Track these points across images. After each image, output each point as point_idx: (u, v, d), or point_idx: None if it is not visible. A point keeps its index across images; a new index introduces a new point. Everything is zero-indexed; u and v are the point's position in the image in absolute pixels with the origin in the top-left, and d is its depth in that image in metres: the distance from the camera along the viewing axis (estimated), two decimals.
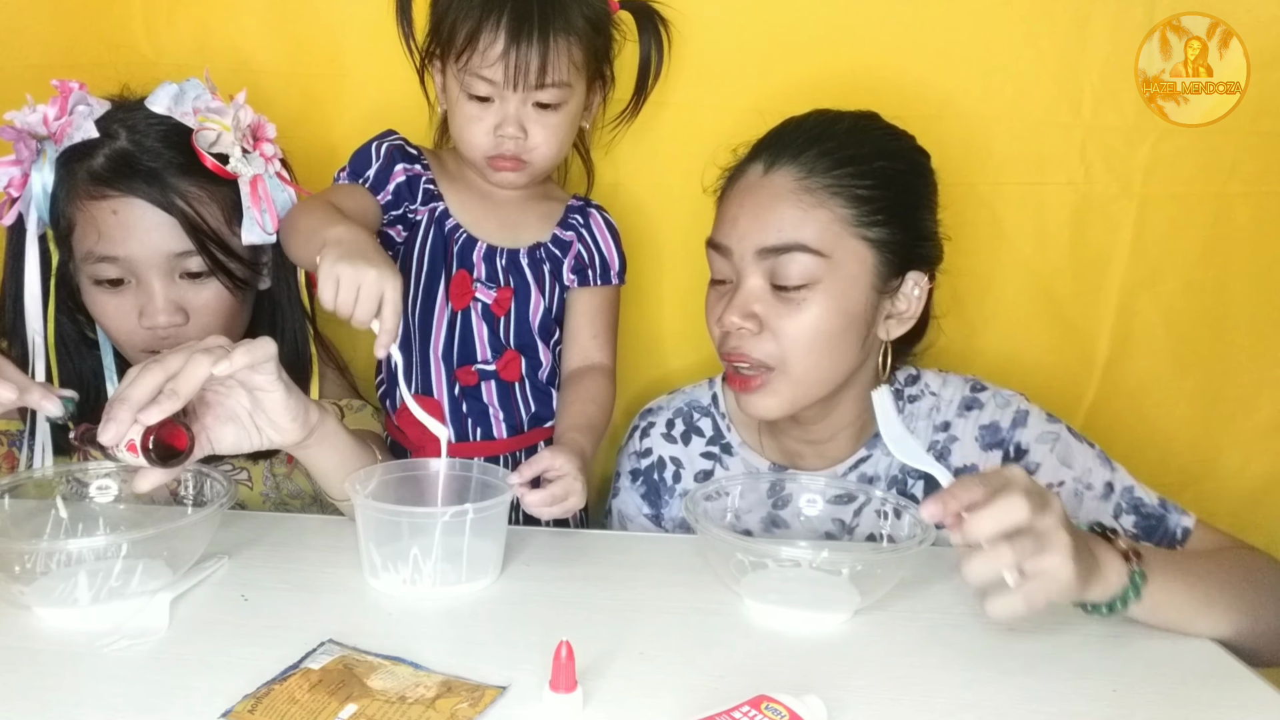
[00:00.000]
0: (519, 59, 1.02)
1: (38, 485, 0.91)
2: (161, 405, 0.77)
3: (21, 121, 0.98)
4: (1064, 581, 0.70)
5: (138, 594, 0.81)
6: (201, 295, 1.02)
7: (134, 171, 0.98)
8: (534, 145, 1.08)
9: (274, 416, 0.86)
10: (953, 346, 1.21)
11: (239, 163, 1.00)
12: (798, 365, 0.96)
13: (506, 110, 1.06)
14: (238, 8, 1.24)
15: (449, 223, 1.13)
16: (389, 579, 0.85)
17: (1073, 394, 1.32)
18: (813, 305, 0.95)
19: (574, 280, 1.17)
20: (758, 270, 0.96)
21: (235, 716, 0.65)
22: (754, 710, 0.65)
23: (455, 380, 1.14)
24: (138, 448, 0.78)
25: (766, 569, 0.84)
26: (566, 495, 0.94)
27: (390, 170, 1.10)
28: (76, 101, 0.99)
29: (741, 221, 0.97)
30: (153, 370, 0.78)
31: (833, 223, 0.95)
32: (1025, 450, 1.03)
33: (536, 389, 1.17)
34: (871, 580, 0.83)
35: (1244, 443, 1.34)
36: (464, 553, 0.85)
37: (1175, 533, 1.00)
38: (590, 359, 1.18)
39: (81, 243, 0.99)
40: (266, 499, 1.13)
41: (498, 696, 0.69)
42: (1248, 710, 0.72)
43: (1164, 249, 1.28)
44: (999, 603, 0.70)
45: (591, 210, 1.20)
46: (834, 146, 0.97)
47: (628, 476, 1.15)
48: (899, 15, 1.23)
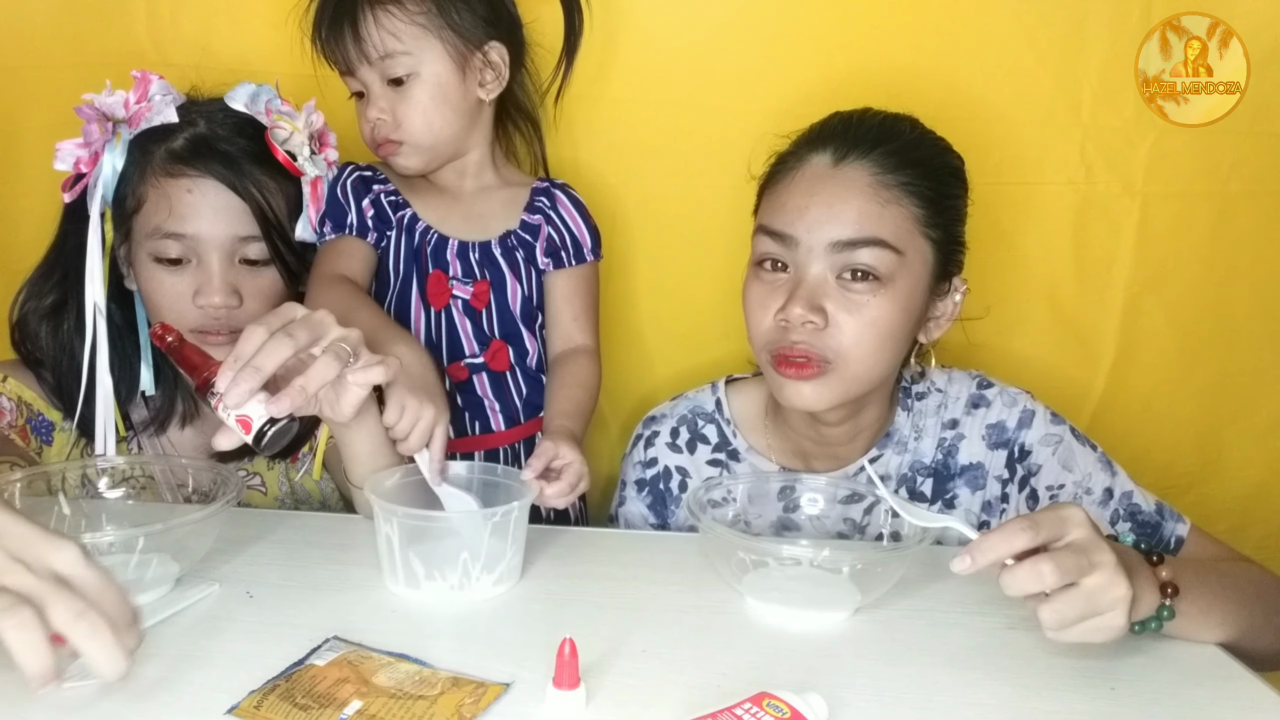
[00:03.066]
0: (339, 39, 1.08)
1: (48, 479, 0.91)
2: (291, 398, 0.78)
3: (101, 103, 1.02)
4: (1117, 633, 0.71)
5: (150, 587, 0.81)
6: (257, 282, 1.05)
7: (212, 153, 1.03)
8: (399, 123, 1.10)
9: (342, 405, 0.85)
10: (955, 349, 1.21)
11: (306, 162, 1.07)
12: (857, 362, 0.95)
13: (370, 96, 1.11)
14: (240, 8, 1.25)
15: (419, 226, 1.14)
16: (435, 587, 0.84)
17: (1078, 397, 1.32)
18: (881, 302, 0.94)
19: (549, 263, 1.18)
20: (826, 262, 0.94)
21: (241, 712, 0.66)
22: (756, 707, 0.65)
23: (446, 377, 1.14)
24: (252, 427, 0.78)
25: (768, 567, 0.85)
26: (579, 481, 0.98)
27: (361, 205, 1.12)
28: (157, 90, 1.04)
29: (812, 211, 0.95)
30: (282, 340, 0.78)
31: (905, 220, 0.95)
32: (1029, 452, 1.04)
33: (527, 376, 1.18)
34: (872, 578, 0.83)
35: (1246, 440, 1.34)
36: (506, 551, 0.85)
37: (1169, 541, 1.00)
38: (573, 341, 1.18)
39: (150, 219, 1.03)
40: (282, 504, 1.14)
41: (501, 693, 0.69)
42: (1247, 710, 0.73)
43: (1168, 249, 1.28)
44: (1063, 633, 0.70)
45: (556, 190, 1.19)
46: (902, 147, 0.97)
47: (633, 486, 1.14)
48: (898, 15, 1.23)
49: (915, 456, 1.07)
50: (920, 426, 1.07)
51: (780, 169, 1.01)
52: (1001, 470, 1.05)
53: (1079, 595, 0.69)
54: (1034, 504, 1.04)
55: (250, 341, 0.78)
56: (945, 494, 1.07)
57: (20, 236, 1.27)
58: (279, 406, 0.78)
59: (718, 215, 1.24)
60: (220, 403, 0.78)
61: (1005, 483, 1.06)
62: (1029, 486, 1.04)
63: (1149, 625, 0.76)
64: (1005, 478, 1.05)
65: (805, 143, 1.01)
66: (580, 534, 1.05)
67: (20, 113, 1.26)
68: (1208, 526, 1.06)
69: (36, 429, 1.07)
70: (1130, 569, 0.72)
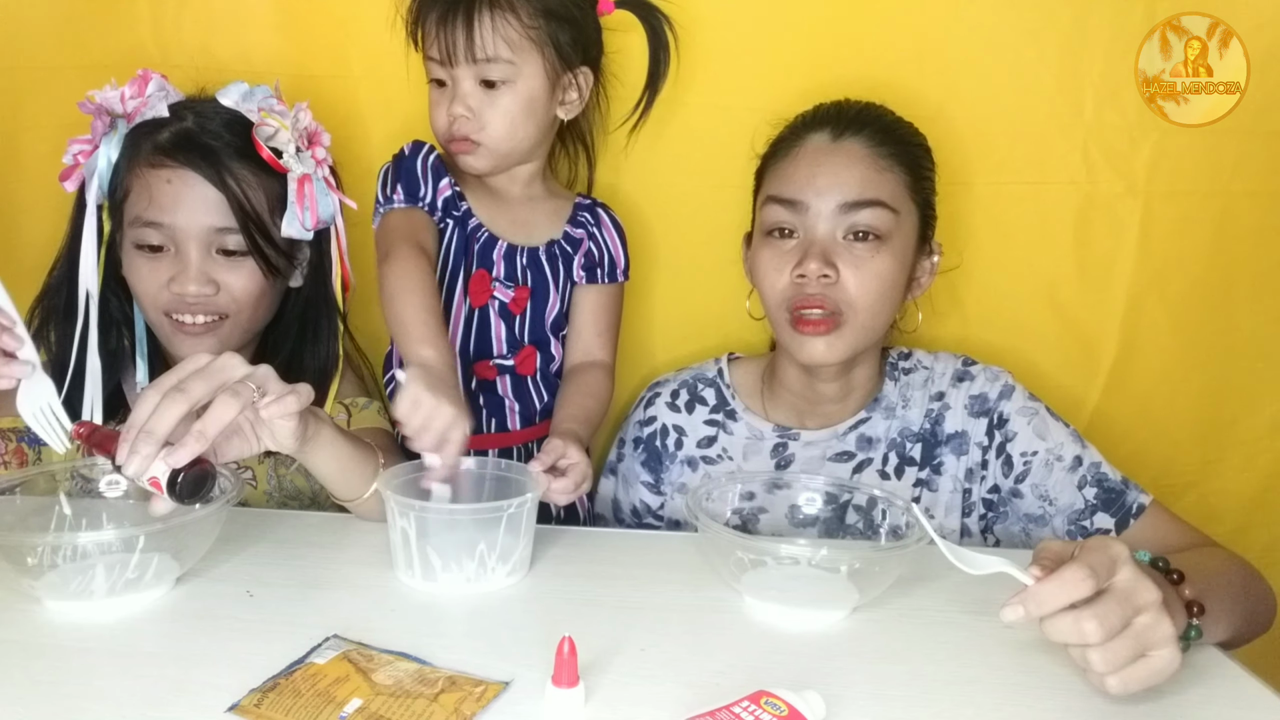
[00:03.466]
0: (449, 32, 1.08)
1: (46, 480, 0.92)
2: (190, 447, 0.77)
3: (101, 98, 1.05)
4: (1174, 669, 0.69)
5: (151, 586, 0.82)
6: (234, 273, 1.07)
7: (193, 147, 1.05)
8: (483, 125, 1.11)
9: (279, 436, 0.86)
10: (955, 346, 1.21)
11: (291, 159, 1.07)
12: (865, 311, 1.05)
13: (456, 91, 1.11)
14: (244, 9, 1.25)
15: (472, 222, 1.16)
16: (451, 578, 0.85)
17: (1078, 396, 1.32)
18: (883, 257, 1.05)
19: (582, 277, 1.20)
20: (833, 223, 1.05)
21: (242, 710, 0.66)
22: (754, 705, 0.65)
23: (473, 374, 1.16)
24: (162, 485, 0.78)
25: (766, 566, 0.85)
26: (583, 480, 1.00)
27: (437, 185, 1.13)
28: (155, 87, 1.06)
29: (820, 178, 1.06)
30: (174, 400, 0.77)
31: (899, 185, 1.07)
32: (1006, 420, 1.11)
33: (548, 381, 1.21)
34: (870, 577, 0.84)
35: (1247, 441, 1.34)
36: (519, 542, 0.88)
37: (1132, 508, 1.06)
38: (592, 355, 1.21)
39: (132, 207, 1.05)
40: (270, 498, 1.15)
41: (501, 691, 0.70)
42: (1244, 709, 0.73)
43: (1170, 249, 1.27)
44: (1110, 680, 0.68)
45: (600, 209, 1.22)
46: (890, 125, 1.10)
47: (631, 444, 1.22)
48: (899, 15, 1.23)
49: (904, 424, 1.15)
50: (908, 397, 1.15)
51: (780, 149, 1.11)
52: (982, 437, 1.12)
53: (1128, 637, 0.67)
54: (1009, 469, 1.10)
55: (143, 407, 0.78)
56: (933, 460, 1.14)
57: (22, 236, 1.28)
58: (177, 457, 0.77)
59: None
60: (130, 477, 0.78)
61: (985, 449, 1.12)
62: (1005, 453, 1.11)
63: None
64: (985, 444, 1.12)
65: (801, 125, 1.12)
66: (580, 533, 1.05)
67: (23, 114, 1.26)
68: (1208, 528, 1.06)
69: (32, 442, 1.08)
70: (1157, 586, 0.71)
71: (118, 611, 0.80)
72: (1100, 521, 1.05)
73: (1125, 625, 0.67)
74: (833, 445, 1.14)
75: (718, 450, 1.18)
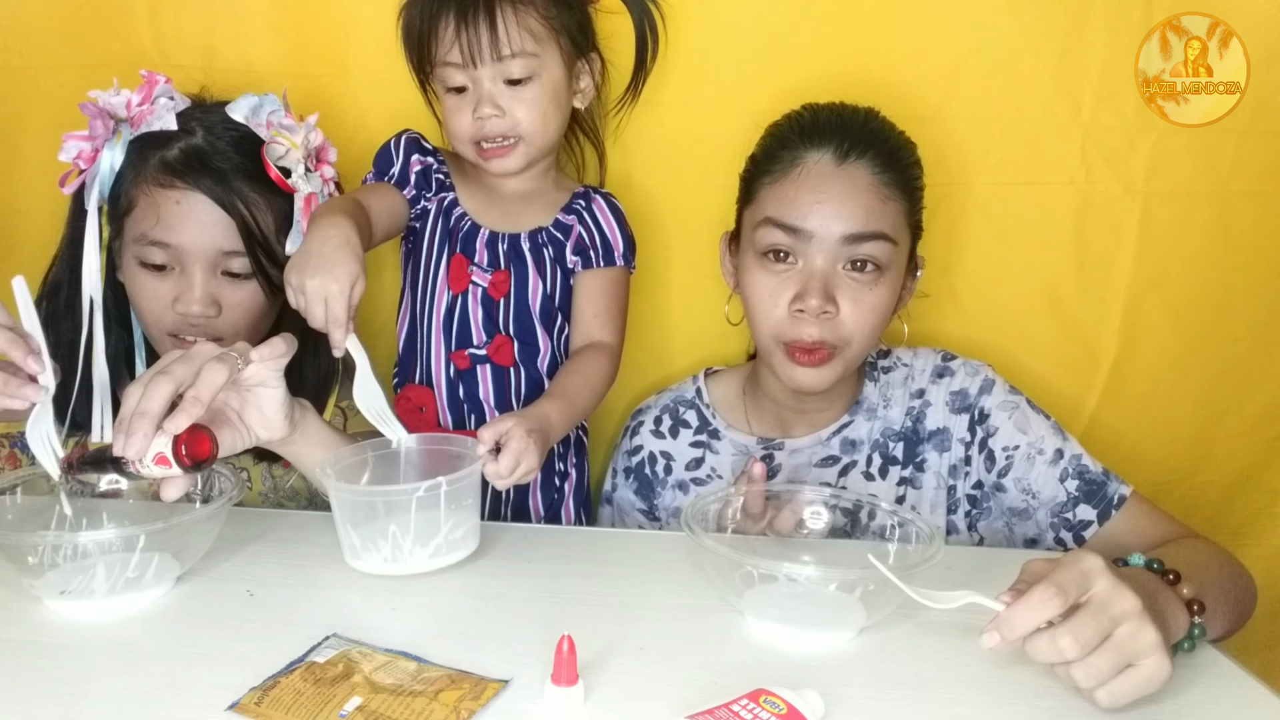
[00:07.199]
0: (470, 33, 1.06)
1: (46, 480, 0.91)
2: (187, 411, 0.78)
3: (105, 101, 1.04)
4: (1165, 676, 0.68)
5: (151, 586, 0.82)
6: (238, 294, 1.07)
7: (204, 168, 1.04)
8: (516, 121, 1.10)
9: (268, 413, 0.87)
10: (954, 346, 1.21)
11: (300, 179, 1.07)
12: (859, 344, 1.05)
13: (480, 93, 1.09)
14: (243, 10, 1.24)
15: (456, 211, 1.15)
16: (370, 560, 0.85)
17: (1078, 396, 1.32)
18: (880, 289, 1.04)
19: (577, 262, 1.17)
20: (835, 254, 1.03)
21: (241, 709, 0.66)
22: (752, 704, 0.65)
23: (451, 363, 1.15)
24: (169, 458, 0.78)
25: (772, 582, 0.81)
26: (518, 461, 0.91)
27: (408, 162, 1.13)
28: (161, 93, 1.05)
29: (825, 207, 1.02)
30: (160, 381, 0.78)
31: (899, 214, 1.05)
32: (987, 415, 1.11)
33: (531, 377, 1.17)
34: (881, 599, 0.79)
35: (1233, 435, 1.34)
36: (441, 525, 0.85)
37: (1113, 499, 1.06)
38: (591, 337, 1.17)
39: (138, 224, 1.04)
40: (265, 499, 1.15)
41: (500, 690, 0.70)
42: (1242, 708, 0.73)
43: (1169, 249, 1.27)
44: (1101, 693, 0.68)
45: (595, 195, 1.20)
46: (894, 147, 1.07)
47: (622, 474, 1.23)
48: (899, 15, 1.23)
49: (886, 423, 1.14)
50: (889, 396, 1.15)
51: (777, 166, 1.07)
52: (964, 433, 1.12)
53: (1109, 648, 0.66)
54: (991, 464, 1.10)
55: (131, 398, 0.79)
56: (915, 457, 1.14)
57: (21, 236, 1.28)
58: (176, 423, 0.78)
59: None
60: (135, 464, 0.79)
61: (967, 445, 1.12)
62: (988, 448, 1.11)
63: (1183, 647, 0.75)
64: (967, 440, 1.12)
65: (798, 139, 1.06)
66: (579, 532, 1.05)
67: (23, 113, 1.26)
68: (1190, 515, 1.07)
69: (25, 448, 1.08)
70: (1154, 597, 0.70)
71: (118, 611, 0.80)
72: (1082, 513, 1.05)
73: (1104, 637, 0.66)
74: (818, 451, 1.14)
75: (706, 471, 1.18)
